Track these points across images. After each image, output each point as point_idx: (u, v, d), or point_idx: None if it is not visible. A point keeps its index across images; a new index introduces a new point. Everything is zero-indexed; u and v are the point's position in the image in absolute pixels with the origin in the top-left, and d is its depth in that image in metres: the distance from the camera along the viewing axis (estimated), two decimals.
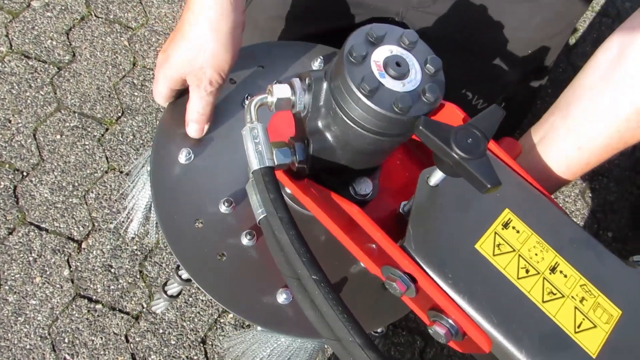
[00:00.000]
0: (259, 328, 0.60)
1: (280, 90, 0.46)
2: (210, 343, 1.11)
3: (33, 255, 1.15)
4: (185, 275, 0.73)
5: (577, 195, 1.44)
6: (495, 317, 0.43)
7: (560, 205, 0.50)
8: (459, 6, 0.80)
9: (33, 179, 1.23)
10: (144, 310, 1.12)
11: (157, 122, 0.77)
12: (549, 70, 0.94)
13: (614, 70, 0.58)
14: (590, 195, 1.44)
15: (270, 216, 0.41)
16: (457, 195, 0.48)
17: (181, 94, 0.62)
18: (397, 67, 0.42)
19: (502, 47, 0.86)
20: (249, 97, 0.63)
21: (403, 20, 0.86)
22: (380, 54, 0.42)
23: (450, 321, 0.44)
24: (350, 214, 0.47)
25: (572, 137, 0.61)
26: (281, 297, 0.54)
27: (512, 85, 0.90)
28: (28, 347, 1.06)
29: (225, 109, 0.62)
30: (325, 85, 0.44)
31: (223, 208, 0.57)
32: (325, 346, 0.66)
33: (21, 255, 1.15)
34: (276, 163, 0.46)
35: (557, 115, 0.63)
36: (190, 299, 1.14)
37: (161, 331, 1.10)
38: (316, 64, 0.67)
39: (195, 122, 0.59)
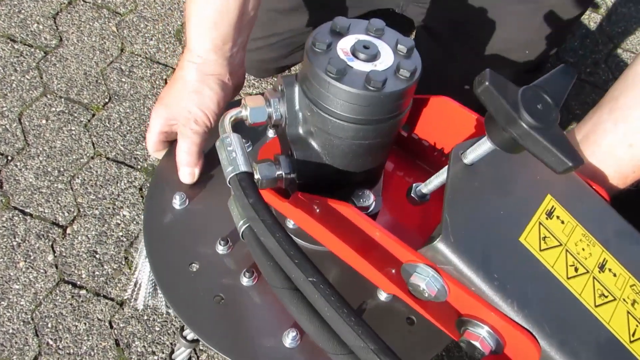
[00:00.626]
0: None
1: (254, 101, 0.44)
2: None
3: (17, 239, 1.14)
4: (190, 336, 0.68)
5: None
6: (548, 327, 0.36)
7: (630, 224, 0.44)
8: (458, 3, 0.80)
9: (18, 164, 1.22)
10: (129, 296, 1.12)
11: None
12: (545, 69, 0.95)
13: None
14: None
15: (251, 221, 0.37)
16: (495, 176, 0.41)
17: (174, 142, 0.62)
18: (366, 50, 0.40)
19: (500, 45, 0.86)
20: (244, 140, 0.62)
21: (403, 13, 0.86)
22: (346, 43, 0.41)
23: (487, 328, 0.37)
24: (346, 214, 0.41)
25: (621, 132, 0.52)
26: (287, 340, 0.49)
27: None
28: (11, 331, 1.06)
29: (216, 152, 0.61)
30: (297, 87, 0.43)
31: (220, 248, 0.54)
32: None
33: (5, 239, 1.14)
34: (259, 176, 0.45)
35: (605, 108, 0.55)
36: None
37: (145, 317, 1.10)
38: None
39: (185, 166, 0.58)
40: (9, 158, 1.23)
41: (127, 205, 1.21)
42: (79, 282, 1.12)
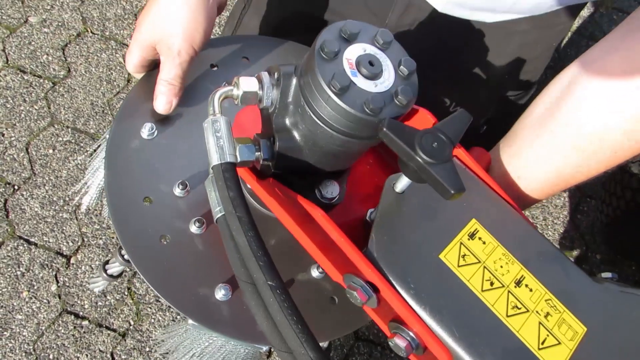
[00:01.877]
0: (190, 321, 0.56)
1: (247, 84, 0.44)
2: None
3: (21, 269, 1.15)
4: (127, 256, 0.71)
5: (566, 217, 1.45)
6: (457, 331, 0.42)
7: (549, 227, 0.50)
8: (437, 30, 0.81)
9: (24, 193, 1.24)
10: (131, 327, 1.12)
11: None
12: (529, 93, 0.96)
13: (559, 104, 0.58)
14: (579, 217, 1.45)
15: (228, 215, 0.39)
16: (423, 203, 0.47)
17: (156, 66, 0.59)
18: (370, 67, 0.40)
19: (480, 70, 0.87)
20: (225, 85, 0.60)
21: None
22: (353, 52, 0.41)
23: (412, 334, 0.42)
24: (314, 217, 0.44)
25: (514, 165, 0.62)
26: (219, 293, 0.50)
27: (492, 108, 0.92)
28: None
29: (200, 91, 0.59)
30: (294, 80, 0.43)
31: (177, 190, 0.53)
32: (261, 352, 0.63)
33: (9, 269, 1.15)
34: (239, 160, 0.44)
35: (505, 142, 0.65)
36: (179, 316, 1.13)
37: (147, 349, 1.10)
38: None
39: (162, 95, 0.56)
40: (16, 187, 1.24)
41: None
42: (81, 313, 1.12)
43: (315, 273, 0.54)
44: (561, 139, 0.58)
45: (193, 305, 0.50)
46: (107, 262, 0.72)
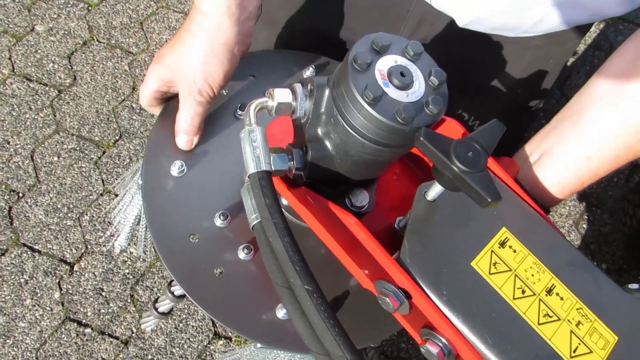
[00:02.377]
0: (258, 345, 0.58)
1: (282, 95, 0.45)
2: None
3: (25, 276, 1.15)
4: (178, 291, 0.71)
5: (571, 226, 1.44)
6: (490, 338, 0.42)
7: (585, 256, 0.50)
8: (449, 45, 0.82)
9: (28, 200, 1.24)
10: (134, 335, 1.11)
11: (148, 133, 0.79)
12: (539, 106, 0.96)
13: (627, 79, 0.57)
14: (584, 226, 1.44)
15: (264, 221, 0.40)
16: (454, 211, 0.47)
17: (168, 100, 0.61)
18: (402, 77, 0.41)
19: (492, 85, 0.87)
20: (241, 107, 0.62)
21: None
22: (384, 64, 0.42)
23: (444, 340, 0.42)
24: (347, 224, 0.45)
25: (582, 146, 0.60)
26: (281, 313, 0.52)
27: (505, 120, 0.92)
28: None
29: (218, 120, 0.61)
30: (327, 92, 0.44)
31: (219, 222, 0.55)
32: None
33: (12, 276, 1.15)
34: (273, 169, 0.45)
35: (567, 122, 0.62)
36: (181, 324, 1.13)
37: (150, 357, 1.09)
38: (307, 73, 0.66)
39: (184, 133, 0.58)
40: (20, 195, 1.24)
41: (135, 242, 1.21)
42: (84, 320, 1.11)
43: (354, 282, 0.55)
44: (630, 112, 0.56)
45: (260, 330, 0.51)
46: (156, 301, 0.73)
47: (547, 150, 0.62)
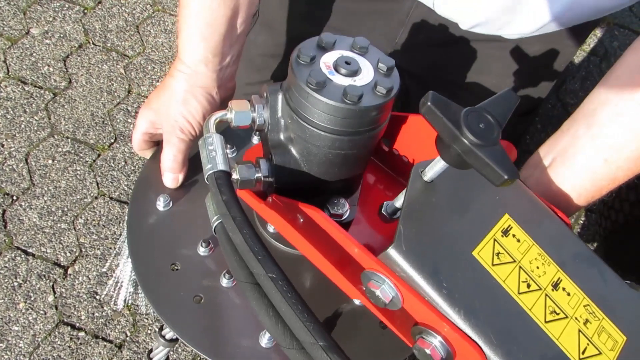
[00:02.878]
0: None
1: (239, 105, 0.46)
2: None
3: (18, 280, 1.15)
4: (168, 335, 0.69)
5: None
6: (495, 337, 0.38)
7: (591, 248, 0.47)
8: (448, 51, 0.82)
9: (22, 204, 1.24)
10: (128, 338, 1.11)
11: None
12: (536, 112, 0.96)
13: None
14: (579, 231, 1.45)
15: (223, 217, 0.39)
16: (454, 193, 0.43)
17: (158, 144, 0.63)
18: (347, 65, 0.42)
19: (488, 92, 0.87)
20: (227, 146, 0.63)
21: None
22: (330, 57, 0.43)
23: (440, 338, 0.38)
24: (314, 219, 0.43)
25: (598, 147, 0.55)
26: (264, 340, 0.50)
27: (503, 125, 0.92)
28: None
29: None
30: (280, 95, 0.45)
31: (201, 250, 0.55)
32: None
33: (6, 280, 1.14)
34: (240, 179, 0.46)
35: (581, 123, 0.57)
36: None
37: None
38: None
39: (169, 171, 0.60)
40: (14, 198, 1.24)
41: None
42: (78, 324, 1.11)
43: (358, 301, 0.53)
44: None
45: (241, 358, 0.49)
46: (161, 328, 0.72)
47: (560, 154, 0.58)
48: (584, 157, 0.57)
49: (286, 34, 0.89)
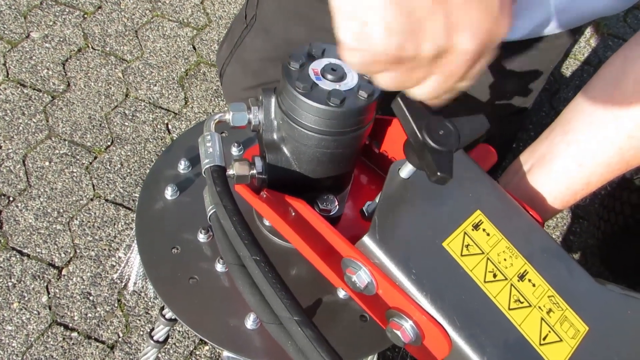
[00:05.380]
0: (225, 353, 0.60)
1: (237, 107, 0.50)
2: None
3: (12, 280, 1.15)
4: (168, 314, 0.74)
5: (558, 237, 1.45)
6: (459, 320, 0.41)
7: (560, 245, 0.49)
8: None
9: (19, 204, 1.25)
10: (120, 339, 1.12)
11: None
12: (526, 114, 0.97)
13: (618, 85, 0.57)
14: (571, 238, 1.46)
15: (216, 207, 0.43)
16: (428, 190, 0.46)
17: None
18: (333, 71, 0.46)
19: (479, 91, 0.88)
20: (236, 144, 0.67)
21: None
22: (318, 64, 0.47)
23: (410, 322, 0.42)
24: (296, 208, 0.47)
25: (573, 153, 0.58)
26: (249, 322, 0.54)
27: (492, 126, 0.93)
28: None
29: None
30: (274, 98, 0.49)
31: (201, 236, 0.59)
32: None
33: (0, 280, 1.15)
34: (235, 174, 0.50)
35: (558, 131, 0.61)
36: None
37: None
38: None
39: None
40: (11, 199, 1.25)
41: (124, 247, 1.22)
42: (71, 324, 1.12)
43: (341, 294, 0.56)
44: (624, 118, 0.55)
45: (226, 336, 0.53)
46: (152, 330, 0.76)
47: (538, 160, 0.61)
48: (559, 163, 0.59)
49: (283, 38, 0.90)
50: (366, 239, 0.43)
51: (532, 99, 0.94)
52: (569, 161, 0.58)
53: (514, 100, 0.92)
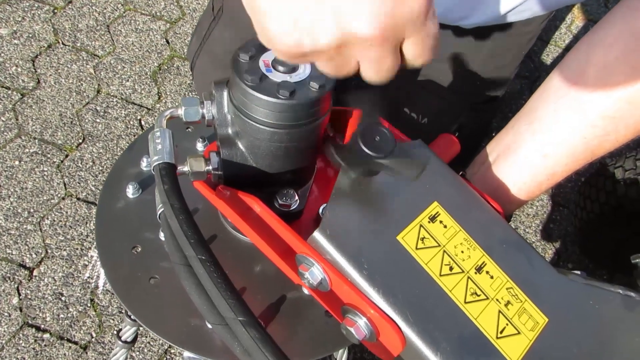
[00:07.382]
0: (185, 353, 0.58)
1: (188, 102, 0.49)
2: None
3: None
4: (119, 299, 0.73)
5: (538, 226, 1.45)
6: (412, 316, 0.40)
7: (521, 236, 0.48)
8: None
9: None
10: (93, 340, 1.10)
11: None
12: (499, 100, 0.96)
13: (581, 72, 0.56)
14: (551, 226, 1.45)
15: (164, 206, 0.42)
16: (383, 184, 0.45)
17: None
18: (284, 63, 0.44)
19: (452, 77, 0.87)
20: (201, 139, 0.65)
21: None
22: (270, 55, 0.45)
23: (365, 319, 0.41)
24: (250, 205, 0.46)
25: (537, 142, 0.57)
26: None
27: (464, 114, 0.92)
28: None
29: (182, 151, 0.65)
30: (226, 92, 0.47)
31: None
32: None
33: None
34: (191, 171, 0.49)
35: (523, 121, 0.59)
36: (141, 328, 1.12)
37: None
38: None
39: None
40: None
41: (96, 246, 1.20)
42: (42, 326, 1.10)
43: (307, 290, 0.55)
44: (587, 107, 0.54)
45: (186, 336, 0.52)
46: (120, 330, 0.75)
47: (503, 150, 0.60)
48: (524, 153, 0.58)
49: (252, 30, 0.88)
50: (317, 234, 0.42)
51: (503, 87, 0.93)
52: (532, 152, 0.57)
53: (485, 88, 0.91)
